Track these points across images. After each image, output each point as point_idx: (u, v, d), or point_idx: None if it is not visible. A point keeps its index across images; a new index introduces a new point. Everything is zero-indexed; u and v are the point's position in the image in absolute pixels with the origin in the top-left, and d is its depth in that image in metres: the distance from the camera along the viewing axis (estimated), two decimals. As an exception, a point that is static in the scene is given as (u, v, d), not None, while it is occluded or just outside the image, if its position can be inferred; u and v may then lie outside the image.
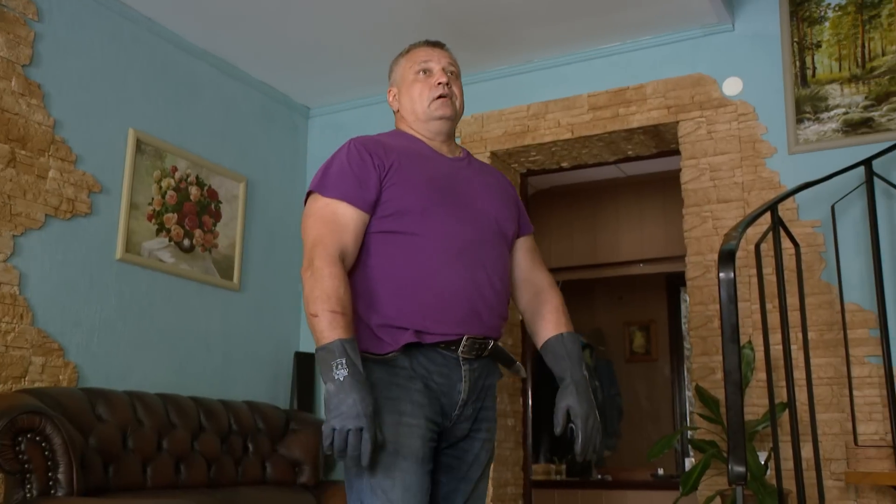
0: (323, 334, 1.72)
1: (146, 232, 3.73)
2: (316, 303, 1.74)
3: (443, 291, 1.85)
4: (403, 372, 1.83)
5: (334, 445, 1.66)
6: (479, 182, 2.05)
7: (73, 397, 3.02)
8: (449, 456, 1.93)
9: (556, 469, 6.17)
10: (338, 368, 1.68)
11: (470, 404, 1.91)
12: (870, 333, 3.29)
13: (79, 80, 3.49)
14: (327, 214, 1.85)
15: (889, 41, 3.48)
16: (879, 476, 3.08)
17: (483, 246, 1.94)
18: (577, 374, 1.97)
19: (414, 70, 2.06)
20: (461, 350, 1.86)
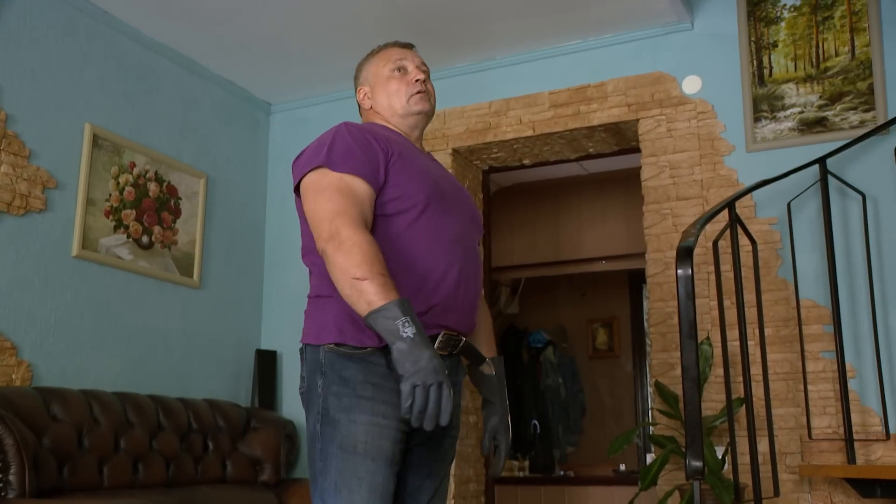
0: (377, 297, 1.65)
1: (104, 228, 3.67)
2: (361, 267, 1.67)
3: (434, 279, 1.85)
4: (379, 370, 1.80)
5: (414, 405, 1.60)
6: (452, 180, 2.10)
7: (26, 397, 2.96)
8: (418, 454, 1.93)
9: (519, 465, 6.19)
10: (405, 326, 1.62)
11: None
12: (824, 329, 3.35)
13: (32, 73, 3.43)
14: (343, 187, 1.80)
15: (842, 42, 3.54)
16: (832, 469, 3.14)
17: (466, 241, 1.97)
18: (504, 401, 2.06)
19: (390, 68, 2.08)
20: (437, 346, 1.85)
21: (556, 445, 6.53)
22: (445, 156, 4.24)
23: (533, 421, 6.55)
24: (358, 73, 2.18)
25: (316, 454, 1.80)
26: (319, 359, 1.83)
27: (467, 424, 4.14)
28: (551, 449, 6.48)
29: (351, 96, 4.54)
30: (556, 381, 6.70)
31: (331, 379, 1.80)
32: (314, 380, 1.83)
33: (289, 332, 4.48)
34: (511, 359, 6.85)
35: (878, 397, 3.19)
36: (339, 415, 1.77)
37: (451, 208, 1.96)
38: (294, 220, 4.83)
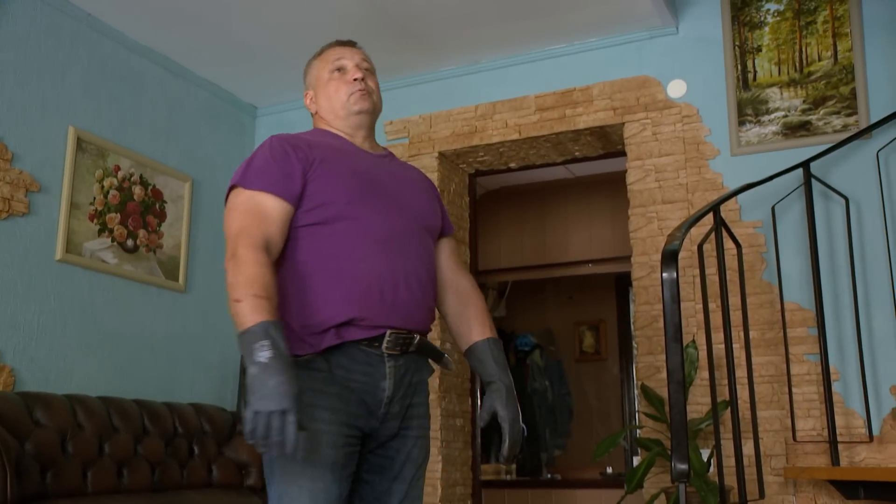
0: (246, 318, 1.66)
1: (88, 232, 3.65)
2: (239, 288, 1.69)
3: (366, 280, 1.83)
4: (320, 375, 1.80)
5: (256, 431, 1.57)
6: (402, 177, 2.06)
7: (8, 402, 2.93)
8: (379, 456, 1.91)
9: (506, 469, 6.19)
10: (260, 350, 1.61)
11: (396, 402, 1.88)
12: (808, 332, 3.37)
13: (14, 76, 3.40)
14: (252, 206, 1.83)
15: (825, 47, 3.56)
16: (816, 471, 3.16)
17: (407, 237, 1.93)
18: (505, 379, 1.98)
19: (328, 69, 2.07)
20: (385, 346, 1.84)
21: (544, 448, 6.53)
22: (431, 159, 4.24)
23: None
24: (304, 76, 2.17)
25: (265, 463, 1.81)
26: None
27: (454, 427, 4.14)
28: (538, 452, 6.49)
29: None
30: (543, 384, 6.71)
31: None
32: None
33: (275, 336, 4.46)
34: (498, 362, 6.84)
35: (861, 400, 3.21)
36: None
37: (385, 205, 1.93)
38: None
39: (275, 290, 1.73)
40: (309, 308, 1.81)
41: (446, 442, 4.04)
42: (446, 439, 4.04)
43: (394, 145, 4.35)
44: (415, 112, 4.34)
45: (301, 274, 1.84)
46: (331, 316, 1.80)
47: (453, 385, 4.19)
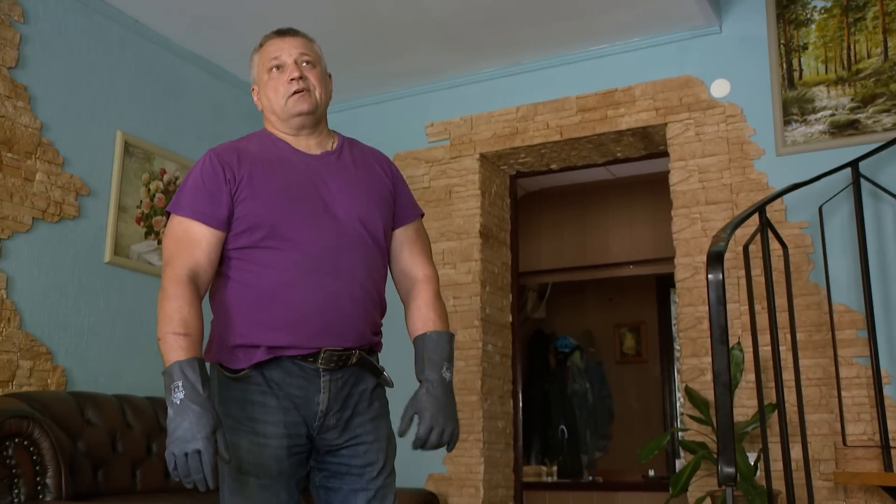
0: (165, 357, 1.69)
1: (135, 235, 3.71)
2: (161, 325, 1.72)
3: (296, 306, 1.80)
4: (257, 388, 1.80)
5: (178, 470, 1.63)
6: (345, 179, 1.94)
7: (61, 401, 3.00)
8: (336, 463, 1.89)
9: (548, 471, 6.17)
10: (175, 392, 1.64)
11: (332, 415, 1.84)
12: (857, 334, 3.31)
13: (65, 82, 3.48)
14: (179, 233, 1.82)
15: (874, 43, 3.50)
16: (868, 476, 3.10)
17: (342, 253, 1.86)
18: (432, 376, 1.88)
19: (266, 68, 1.98)
20: (319, 362, 1.81)
21: (584, 450, 6.50)
22: (473, 161, 4.25)
23: (561, 426, 6.53)
24: (250, 70, 2.07)
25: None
26: (215, 377, 1.86)
27: (495, 430, 4.14)
28: (579, 454, 6.46)
29: (376, 103, 4.59)
30: (584, 386, 6.68)
31: (219, 399, 1.82)
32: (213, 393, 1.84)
33: (317, 338, 4.49)
34: (538, 363, 6.83)
35: (913, 403, 3.15)
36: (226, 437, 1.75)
37: (318, 222, 1.85)
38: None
39: (196, 323, 1.73)
40: (242, 327, 1.81)
41: (488, 444, 4.04)
42: (488, 441, 4.04)
43: (435, 147, 4.36)
44: (456, 114, 4.35)
45: (235, 293, 1.83)
46: (261, 339, 1.80)
47: (495, 387, 4.19)
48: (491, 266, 4.27)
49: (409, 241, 2.04)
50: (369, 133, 4.58)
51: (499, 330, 4.29)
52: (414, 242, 2.05)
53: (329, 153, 1.97)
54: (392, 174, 2.06)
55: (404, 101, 4.50)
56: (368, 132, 4.59)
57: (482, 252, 4.19)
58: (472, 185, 4.24)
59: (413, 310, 1.99)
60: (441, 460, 4.02)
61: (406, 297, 2.02)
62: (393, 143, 4.49)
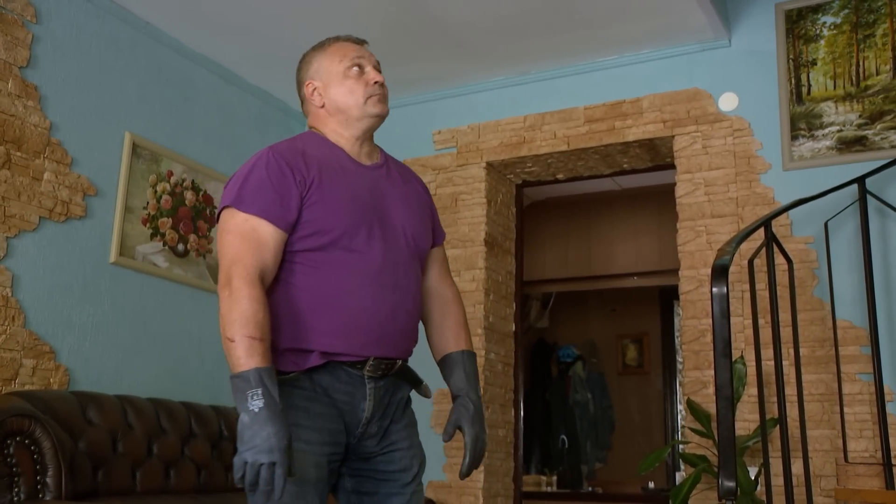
0: (239, 361, 1.65)
1: (140, 236, 3.72)
2: (233, 326, 1.67)
3: (356, 314, 1.80)
4: (303, 393, 1.78)
5: (245, 479, 1.59)
6: (397, 195, 1.98)
7: (63, 401, 3.00)
8: (368, 469, 1.90)
9: (547, 480, 6.16)
10: (253, 399, 1.61)
11: (375, 422, 1.86)
12: (861, 350, 3.30)
13: (76, 82, 3.49)
14: (247, 231, 1.76)
15: (883, 60, 3.50)
16: (869, 493, 3.08)
17: (398, 268, 1.88)
18: (473, 395, 1.96)
19: (346, 65, 1.95)
20: (367, 369, 1.82)
21: (585, 461, 6.49)
22: (479, 169, 4.26)
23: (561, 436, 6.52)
24: (305, 66, 2.03)
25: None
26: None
27: (496, 438, 4.13)
28: (579, 464, 6.45)
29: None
30: (585, 397, 6.67)
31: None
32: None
33: (320, 342, 4.50)
34: (540, 373, 6.83)
35: (916, 421, 3.14)
36: None
37: (379, 235, 1.87)
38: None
39: (268, 328, 1.71)
40: (296, 332, 1.79)
41: (489, 452, 4.04)
42: (489, 449, 4.04)
43: (442, 154, 4.37)
44: (463, 122, 4.36)
45: (292, 297, 1.80)
46: (316, 344, 1.78)
47: (496, 395, 4.19)
48: (495, 274, 4.28)
49: (438, 260, 2.10)
50: (377, 139, 4.58)
51: (501, 338, 4.29)
52: (443, 263, 2.13)
53: (379, 166, 2.00)
54: (428, 193, 2.13)
55: (412, 108, 4.51)
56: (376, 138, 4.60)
57: (486, 260, 4.19)
58: (479, 193, 4.25)
59: (445, 328, 2.04)
60: (441, 468, 4.02)
61: (432, 313, 2.07)
62: (400, 150, 4.49)
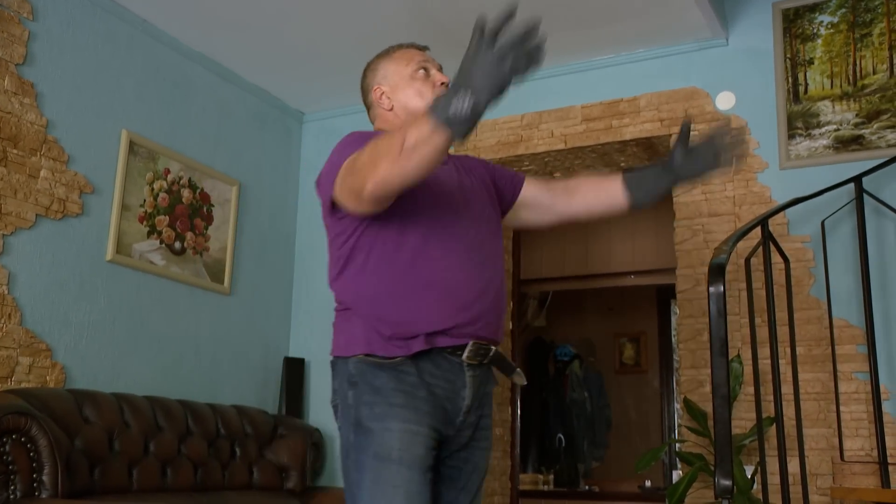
0: (420, 125, 1.53)
1: (137, 234, 3.72)
2: (393, 141, 1.56)
3: (457, 294, 1.81)
4: (409, 378, 1.78)
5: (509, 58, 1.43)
6: (469, 177, 2.02)
7: (59, 398, 3.00)
8: (448, 467, 1.90)
9: (544, 479, 6.17)
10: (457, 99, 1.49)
11: (473, 411, 1.87)
12: (857, 349, 3.31)
13: (72, 80, 3.49)
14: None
15: (880, 60, 3.51)
16: (865, 492, 3.09)
17: (485, 245, 1.91)
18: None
19: (413, 68, 2.02)
20: (466, 355, 1.82)
21: (581, 460, 6.49)
22: (476, 168, 4.25)
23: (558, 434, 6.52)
24: (371, 73, 2.10)
25: (351, 465, 1.78)
26: (350, 370, 1.82)
27: (493, 436, 4.13)
28: (576, 463, 6.45)
29: (383, 107, 4.58)
30: (583, 395, 6.68)
31: (362, 389, 1.79)
32: (345, 391, 1.82)
33: (317, 340, 4.50)
34: (537, 372, 6.83)
35: (912, 420, 3.14)
36: (372, 423, 1.75)
37: (467, 214, 1.90)
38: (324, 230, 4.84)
39: None
40: (400, 312, 1.79)
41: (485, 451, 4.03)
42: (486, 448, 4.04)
43: (438, 153, 4.37)
44: (460, 120, 4.34)
45: (393, 276, 1.80)
46: (422, 323, 1.78)
47: (494, 394, 4.18)
48: (492, 273, 4.27)
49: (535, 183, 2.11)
50: (374, 137, 4.59)
51: (499, 337, 4.28)
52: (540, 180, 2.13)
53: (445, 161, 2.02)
54: (483, 163, 2.13)
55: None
56: (373, 136, 4.60)
57: (484, 259, 4.19)
58: (476, 191, 4.24)
59: (590, 184, 2.07)
60: (438, 466, 4.01)
61: (577, 191, 2.08)
62: (397, 148, 4.50)
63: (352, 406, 1.80)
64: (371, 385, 1.78)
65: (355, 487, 1.76)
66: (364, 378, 1.80)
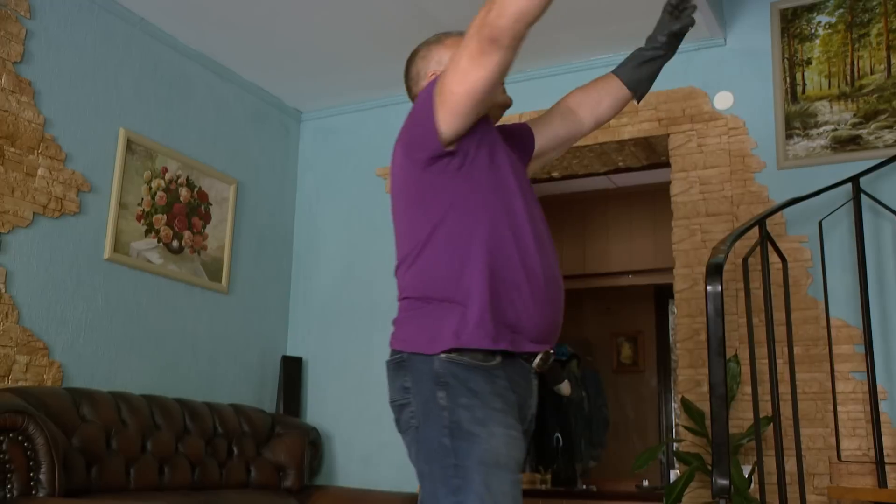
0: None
1: (135, 232, 3.71)
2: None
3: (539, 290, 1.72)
4: (501, 382, 1.70)
5: None
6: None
7: (57, 397, 3.00)
8: None
9: (542, 478, 6.16)
10: None
11: (532, 420, 1.83)
12: (854, 349, 3.31)
13: (70, 78, 3.48)
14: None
15: (877, 60, 3.51)
16: (861, 492, 3.09)
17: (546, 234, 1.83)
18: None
19: None
20: (536, 363, 1.76)
21: (579, 459, 6.49)
22: (474, 167, 4.25)
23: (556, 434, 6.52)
24: (423, 60, 2.03)
25: (448, 470, 1.64)
26: (435, 369, 1.68)
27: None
28: (574, 463, 6.44)
29: (381, 106, 4.59)
30: (580, 395, 6.67)
31: (457, 390, 1.67)
32: (432, 391, 1.68)
33: (315, 340, 4.50)
34: (534, 371, 6.82)
35: (908, 420, 3.15)
36: (475, 428, 1.64)
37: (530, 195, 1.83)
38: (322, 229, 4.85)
39: None
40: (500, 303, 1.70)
41: (483, 450, 4.04)
42: (483, 447, 4.04)
43: (437, 152, 4.37)
44: (458, 119, 4.34)
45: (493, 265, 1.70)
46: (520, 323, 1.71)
47: (491, 393, 4.18)
48: (490, 272, 4.27)
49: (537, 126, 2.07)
50: (372, 136, 4.59)
51: (496, 336, 4.28)
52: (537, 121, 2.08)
53: None
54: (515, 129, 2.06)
55: (408, 105, 4.48)
56: (371, 135, 4.61)
57: (481, 258, 4.19)
58: (474, 190, 4.24)
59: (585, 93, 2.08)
60: (435, 465, 4.01)
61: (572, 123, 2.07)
62: (395, 147, 4.49)
63: (445, 408, 1.67)
64: (467, 387, 1.67)
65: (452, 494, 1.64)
66: (457, 379, 1.68)
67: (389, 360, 1.78)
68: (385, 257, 4.43)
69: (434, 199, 1.75)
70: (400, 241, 1.83)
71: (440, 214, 1.74)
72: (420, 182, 1.78)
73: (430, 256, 1.73)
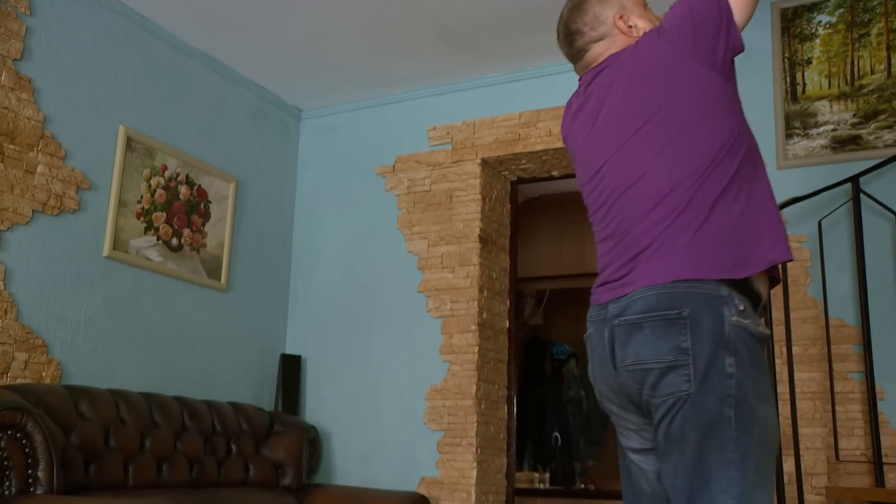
0: None
1: (134, 230, 3.71)
2: None
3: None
4: (765, 356, 1.67)
5: None
6: None
7: (55, 394, 3.00)
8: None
9: (540, 477, 6.16)
10: None
11: None
12: (853, 349, 3.31)
13: (70, 75, 3.48)
14: None
15: (878, 60, 3.51)
16: (860, 491, 3.10)
17: None
18: None
19: (643, 1, 2.10)
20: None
21: (577, 458, 6.49)
22: (474, 166, 4.25)
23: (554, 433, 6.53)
24: (601, 5, 2.07)
25: (727, 444, 1.57)
26: (725, 332, 1.61)
27: (488, 435, 4.14)
28: (572, 462, 6.45)
29: (381, 104, 4.59)
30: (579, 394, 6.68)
31: (746, 359, 1.60)
32: (719, 356, 1.60)
33: (314, 338, 4.50)
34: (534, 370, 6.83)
35: (907, 420, 3.15)
36: (758, 404, 1.59)
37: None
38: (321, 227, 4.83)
39: None
40: (777, 243, 1.73)
41: (481, 449, 4.04)
42: (481, 446, 4.04)
43: (436, 151, 4.37)
44: (458, 118, 4.35)
45: (769, 196, 1.80)
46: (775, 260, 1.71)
47: (490, 392, 4.19)
48: (489, 271, 4.28)
49: None
50: (372, 134, 4.59)
51: (495, 335, 4.29)
52: None
53: None
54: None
55: (408, 103, 4.51)
56: (371, 133, 4.61)
57: (481, 257, 4.19)
58: (473, 189, 4.25)
59: None
60: (434, 464, 4.02)
61: None
62: (395, 146, 4.50)
63: (732, 376, 1.59)
64: (754, 358, 1.62)
65: (724, 469, 1.57)
66: (747, 347, 1.61)
67: (651, 314, 1.68)
68: (384, 255, 4.45)
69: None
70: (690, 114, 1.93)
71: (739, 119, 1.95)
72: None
73: (734, 160, 1.86)
